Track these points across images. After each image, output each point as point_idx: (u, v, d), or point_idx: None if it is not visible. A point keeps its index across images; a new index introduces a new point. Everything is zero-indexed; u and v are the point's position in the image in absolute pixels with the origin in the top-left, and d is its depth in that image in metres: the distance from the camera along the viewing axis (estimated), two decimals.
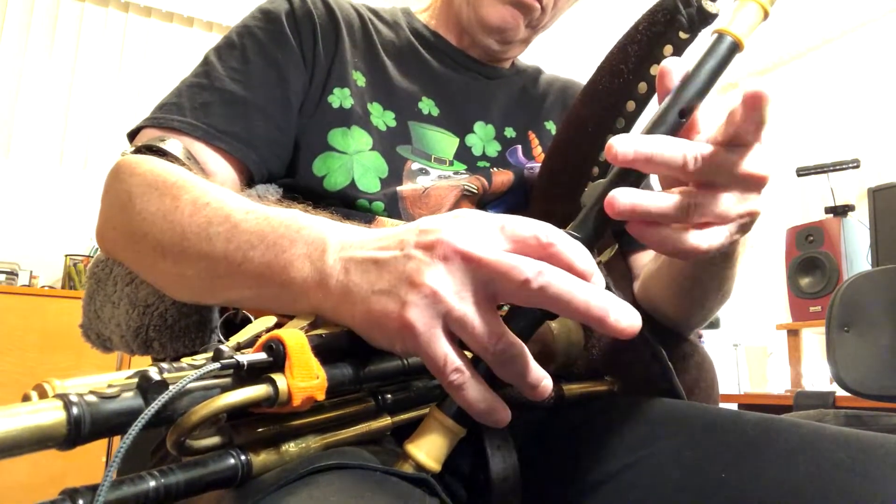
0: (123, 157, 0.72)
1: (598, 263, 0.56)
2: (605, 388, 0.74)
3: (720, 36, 0.56)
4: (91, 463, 2.88)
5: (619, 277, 0.87)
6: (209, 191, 0.61)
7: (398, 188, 0.84)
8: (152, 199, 0.63)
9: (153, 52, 4.00)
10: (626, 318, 0.44)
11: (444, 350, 0.44)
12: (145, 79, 3.93)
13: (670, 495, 0.58)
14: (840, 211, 3.04)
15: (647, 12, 0.71)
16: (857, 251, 2.95)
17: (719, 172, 0.52)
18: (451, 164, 0.90)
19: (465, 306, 0.43)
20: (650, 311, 0.78)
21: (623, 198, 0.49)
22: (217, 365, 0.38)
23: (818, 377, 3.18)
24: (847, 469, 0.51)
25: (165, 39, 4.05)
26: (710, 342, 3.76)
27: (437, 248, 0.44)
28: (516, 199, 0.91)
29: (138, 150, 0.72)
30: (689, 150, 0.51)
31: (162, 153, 0.72)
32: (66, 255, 3.48)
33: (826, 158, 3.30)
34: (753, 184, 0.54)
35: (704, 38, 0.64)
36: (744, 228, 0.55)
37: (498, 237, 0.46)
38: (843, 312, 1.85)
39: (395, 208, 0.82)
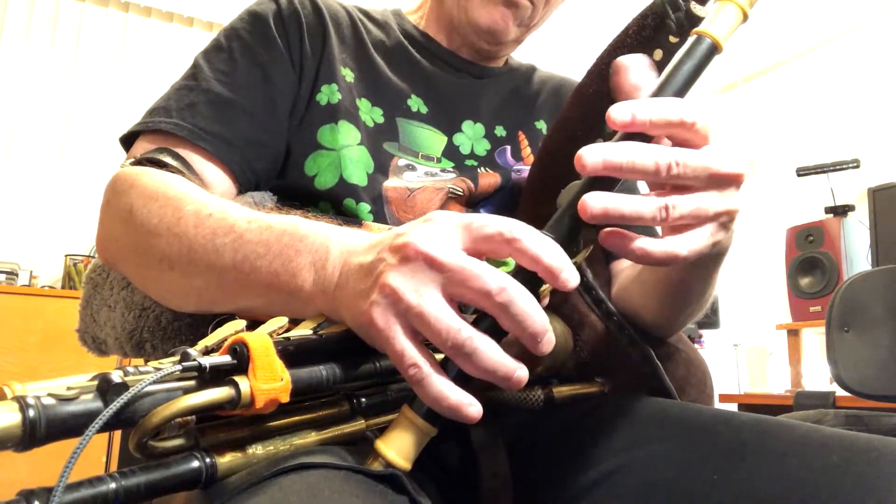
0: (122, 169, 0.72)
1: (575, 265, 0.55)
2: (595, 390, 0.74)
3: (699, 37, 0.55)
4: (90, 463, 2.89)
5: (604, 283, 0.86)
6: (210, 201, 0.63)
7: (384, 183, 0.83)
8: (154, 210, 0.64)
9: (153, 52, 4.00)
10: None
11: (402, 345, 0.45)
12: (145, 79, 3.93)
13: (663, 497, 0.57)
14: (840, 211, 3.04)
15: (636, 17, 0.71)
16: (857, 251, 2.95)
17: (693, 175, 0.52)
18: (439, 161, 0.90)
19: (422, 302, 0.45)
20: (629, 316, 0.78)
21: (595, 201, 0.49)
22: (178, 367, 0.38)
23: (818, 377, 3.18)
24: (840, 471, 0.50)
25: (165, 39, 4.05)
26: (710, 342, 3.76)
27: (403, 250, 0.46)
28: (506, 200, 0.91)
29: (137, 163, 0.73)
30: (661, 157, 0.50)
31: (159, 164, 0.73)
32: (66, 255, 3.49)
33: (826, 158, 3.30)
34: (729, 183, 0.53)
35: None
36: (724, 227, 0.55)
37: (463, 236, 0.47)
38: (843, 312, 1.86)
39: (382, 211, 0.82)
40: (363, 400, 0.53)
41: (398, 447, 0.46)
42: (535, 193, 0.84)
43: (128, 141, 0.81)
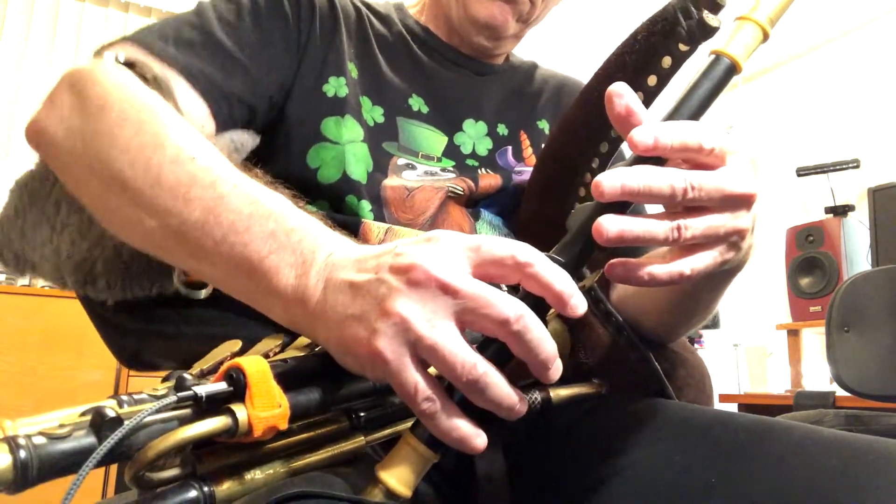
0: (101, 62, 0.66)
1: (582, 288, 0.55)
2: (593, 391, 0.73)
3: (717, 57, 0.55)
4: (88, 489, 2.88)
5: (603, 284, 0.86)
6: (197, 142, 0.57)
7: (383, 182, 0.82)
8: (131, 122, 0.57)
9: None
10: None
11: (415, 379, 0.43)
12: None
13: (661, 499, 0.57)
14: (840, 211, 3.04)
15: (645, 22, 0.70)
16: (857, 251, 2.95)
17: (707, 198, 0.51)
18: (439, 160, 0.89)
19: (435, 335, 0.43)
20: (628, 321, 0.78)
21: (611, 225, 0.48)
22: (174, 399, 0.38)
23: (818, 377, 3.18)
24: (839, 474, 0.50)
25: None
26: (710, 342, 3.75)
27: (411, 272, 0.44)
28: (506, 201, 0.91)
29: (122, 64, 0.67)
30: (677, 182, 0.50)
31: (144, 78, 0.66)
32: None
33: (826, 158, 3.30)
34: (741, 203, 0.53)
35: (704, 49, 0.63)
36: (734, 246, 0.55)
37: (473, 259, 0.46)
38: (843, 312, 1.85)
39: (381, 211, 0.82)
40: (362, 415, 0.53)
41: (399, 474, 0.45)
42: (537, 194, 0.83)
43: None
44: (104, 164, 0.56)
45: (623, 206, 0.51)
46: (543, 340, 0.45)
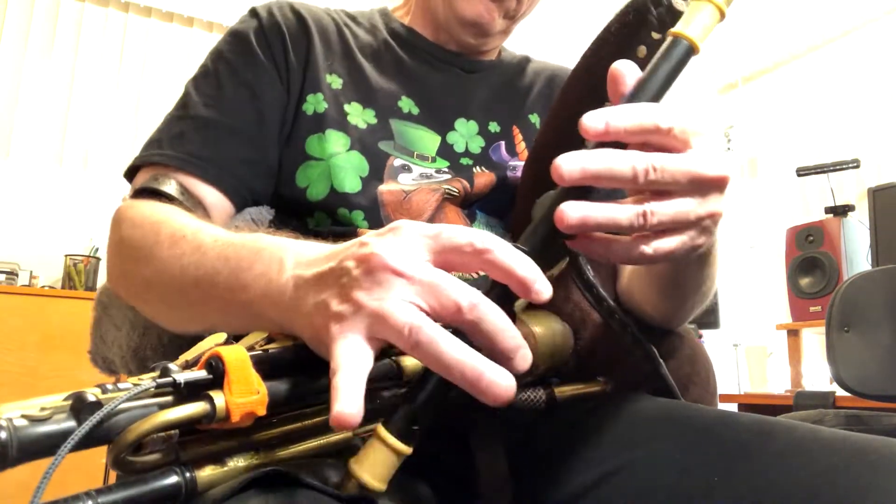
0: (122, 203, 0.76)
1: (550, 277, 0.54)
2: (597, 389, 0.73)
3: (675, 39, 0.54)
4: (92, 464, 2.88)
5: (606, 278, 0.86)
6: (187, 224, 0.64)
7: (379, 187, 0.83)
8: (136, 237, 0.67)
9: (153, 52, 3.99)
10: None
11: (346, 357, 0.42)
12: (145, 79, 3.92)
13: (663, 498, 0.57)
14: (840, 211, 3.03)
15: (617, 14, 0.70)
16: (857, 251, 2.94)
17: (673, 180, 0.50)
18: (434, 160, 0.90)
19: (383, 304, 0.43)
20: (633, 310, 0.78)
21: (573, 211, 0.48)
22: (153, 384, 0.38)
23: (818, 377, 3.17)
24: (840, 474, 0.50)
25: (165, 39, 4.05)
26: (710, 342, 3.75)
27: (369, 261, 0.44)
28: (501, 200, 0.91)
29: (136, 194, 0.77)
30: (639, 163, 0.49)
31: (157, 193, 0.75)
32: (66, 255, 3.48)
33: (826, 158, 3.30)
34: (711, 186, 0.52)
35: None
36: (706, 231, 0.54)
37: (432, 246, 0.46)
38: (843, 312, 1.86)
39: (377, 215, 0.82)
40: None
41: (371, 468, 0.44)
42: (528, 192, 0.83)
43: (131, 174, 0.84)
44: (134, 279, 0.69)
45: (587, 192, 0.50)
46: (502, 329, 0.44)
